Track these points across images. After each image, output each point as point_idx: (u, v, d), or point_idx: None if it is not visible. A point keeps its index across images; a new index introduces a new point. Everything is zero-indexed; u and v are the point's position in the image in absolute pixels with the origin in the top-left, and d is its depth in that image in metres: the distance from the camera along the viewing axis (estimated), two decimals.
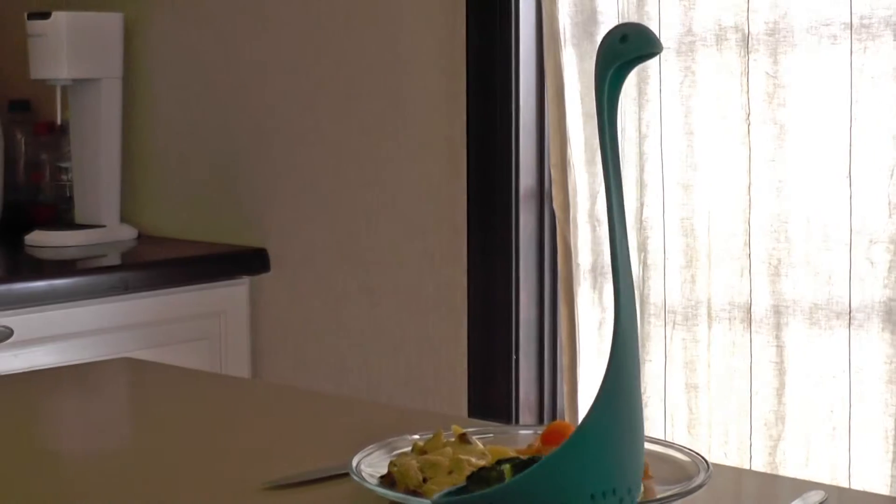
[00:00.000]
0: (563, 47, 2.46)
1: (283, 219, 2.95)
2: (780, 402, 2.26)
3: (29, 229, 3.11)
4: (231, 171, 3.04)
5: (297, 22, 2.89)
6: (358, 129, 2.81)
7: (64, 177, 3.28)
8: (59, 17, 2.99)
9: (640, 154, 2.37)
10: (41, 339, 2.68)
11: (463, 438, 1.35)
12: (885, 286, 2.15)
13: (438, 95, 2.68)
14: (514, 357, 2.60)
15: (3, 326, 2.63)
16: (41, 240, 3.05)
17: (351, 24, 2.80)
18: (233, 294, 2.97)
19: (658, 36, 1.11)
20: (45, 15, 2.99)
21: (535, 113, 2.61)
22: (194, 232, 3.12)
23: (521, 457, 1.20)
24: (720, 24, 2.28)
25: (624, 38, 1.03)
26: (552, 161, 2.52)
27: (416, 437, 1.38)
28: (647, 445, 1.33)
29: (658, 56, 1.16)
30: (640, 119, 2.37)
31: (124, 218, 3.18)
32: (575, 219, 2.47)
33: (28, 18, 3.02)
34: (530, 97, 2.60)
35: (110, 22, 3.11)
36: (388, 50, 2.75)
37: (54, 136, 3.29)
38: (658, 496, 1.23)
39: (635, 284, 2.41)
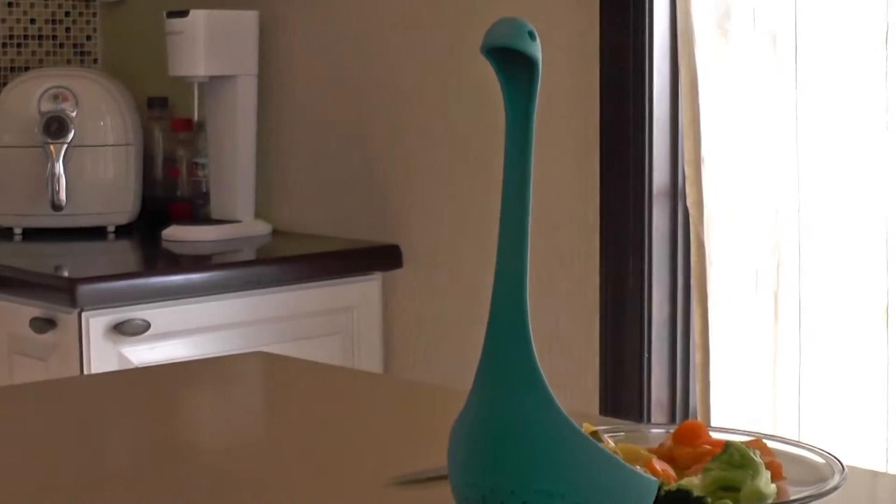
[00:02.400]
0: (697, 43, 2.43)
1: (416, 215, 2.96)
2: None
3: (166, 224, 3.16)
4: (364, 168, 3.06)
5: (431, 19, 2.90)
6: (491, 125, 2.81)
7: (200, 173, 3.32)
8: (197, 16, 3.03)
9: (798, 151, 2.34)
10: (177, 333, 2.72)
11: (594, 436, 1.34)
12: None
13: (572, 93, 2.67)
14: (646, 355, 2.59)
15: (141, 319, 2.67)
16: (178, 234, 3.09)
17: (484, 21, 2.80)
18: (365, 289, 2.99)
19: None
20: (183, 13, 3.04)
21: (668, 110, 2.59)
22: (328, 228, 3.15)
23: (667, 485, 1.19)
24: (859, 21, 2.24)
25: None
26: (686, 158, 2.50)
27: None
28: (780, 446, 1.32)
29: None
30: (797, 117, 2.34)
31: (259, 213, 3.21)
32: (709, 216, 2.45)
33: (167, 17, 3.07)
34: (664, 94, 2.58)
35: (246, 20, 3.14)
36: None
37: (191, 132, 3.33)
38: (791, 498, 1.21)
39: (769, 285, 2.38)
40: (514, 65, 1.07)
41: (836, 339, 2.31)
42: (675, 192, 2.60)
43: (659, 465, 1.27)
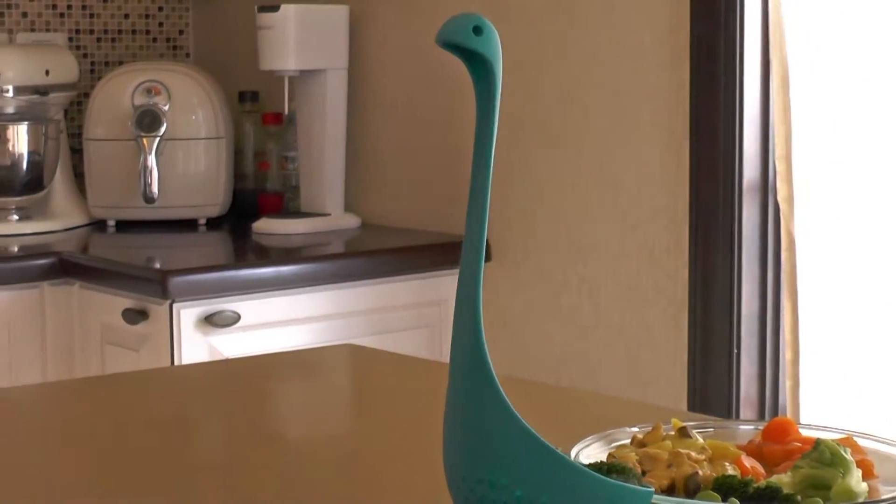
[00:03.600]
0: (788, 37, 2.41)
1: (504, 209, 2.96)
2: None
3: (256, 217, 3.18)
4: (453, 162, 3.07)
5: (519, 14, 2.90)
6: (579, 120, 2.81)
7: (290, 166, 3.34)
8: (288, 10, 3.05)
9: (891, 147, 2.32)
10: (266, 324, 2.74)
11: (682, 432, 1.33)
12: None
13: (661, 86, 2.66)
14: (735, 351, 2.57)
15: (231, 311, 2.69)
16: (268, 227, 3.11)
17: (572, 15, 2.80)
18: (453, 283, 2.98)
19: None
20: (274, 8, 3.05)
21: (759, 104, 2.57)
22: (416, 221, 3.15)
23: (756, 482, 1.19)
24: None
25: None
26: (777, 153, 2.48)
27: (635, 429, 1.38)
28: (871, 444, 1.30)
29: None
30: (891, 112, 2.31)
31: (348, 207, 3.22)
32: (800, 211, 2.43)
33: (258, 11, 3.09)
34: (755, 88, 2.56)
35: (336, 14, 3.16)
36: (611, 41, 2.73)
37: (281, 126, 3.35)
38: (883, 497, 1.20)
39: (860, 281, 2.36)
40: (472, 60, 1.11)
41: None
42: (765, 186, 2.58)
43: (748, 462, 1.27)
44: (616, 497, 1.05)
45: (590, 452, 1.34)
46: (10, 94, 3.14)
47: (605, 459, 1.31)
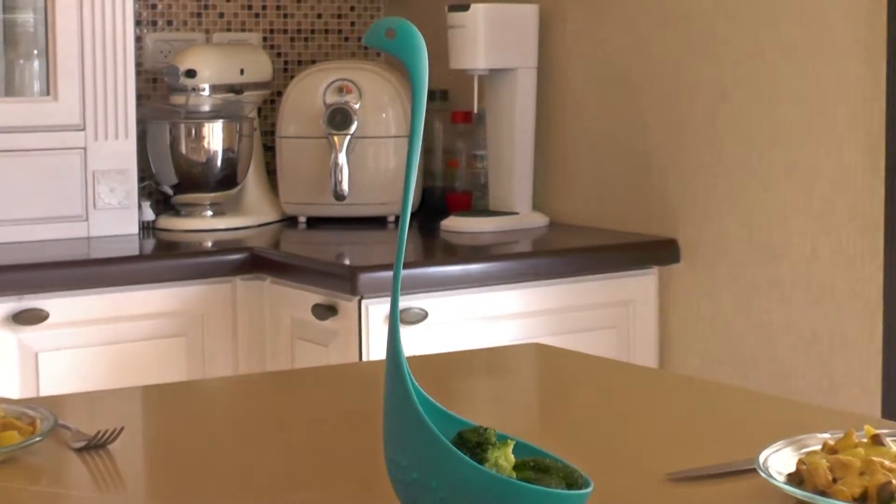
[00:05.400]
0: None
1: (695, 210, 2.93)
2: None
3: (445, 215, 3.20)
4: (643, 162, 3.05)
5: (709, 12, 2.86)
6: (772, 119, 2.77)
7: (479, 164, 3.35)
8: (478, 9, 3.06)
9: None
10: (454, 322, 2.75)
11: (876, 440, 1.31)
12: None
13: (857, 86, 2.60)
14: None
15: (419, 308, 2.71)
16: (456, 225, 3.13)
17: (764, 13, 2.76)
18: (642, 284, 2.97)
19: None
20: (464, 7, 3.07)
21: None
22: (604, 221, 3.14)
23: None
24: None
25: None
26: None
27: (827, 435, 1.35)
28: None
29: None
30: None
31: (536, 206, 3.22)
32: None
33: (448, 10, 3.11)
34: None
35: (526, 13, 3.16)
36: (804, 39, 2.69)
37: (471, 124, 3.37)
38: None
39: None
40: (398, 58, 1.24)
41: None
42: None
43: None
44: (498, 490, 1.17)
45: (779, 458, 1.32)
46: (206, 92, 3.21)
47: (794, 465, 1.29)
